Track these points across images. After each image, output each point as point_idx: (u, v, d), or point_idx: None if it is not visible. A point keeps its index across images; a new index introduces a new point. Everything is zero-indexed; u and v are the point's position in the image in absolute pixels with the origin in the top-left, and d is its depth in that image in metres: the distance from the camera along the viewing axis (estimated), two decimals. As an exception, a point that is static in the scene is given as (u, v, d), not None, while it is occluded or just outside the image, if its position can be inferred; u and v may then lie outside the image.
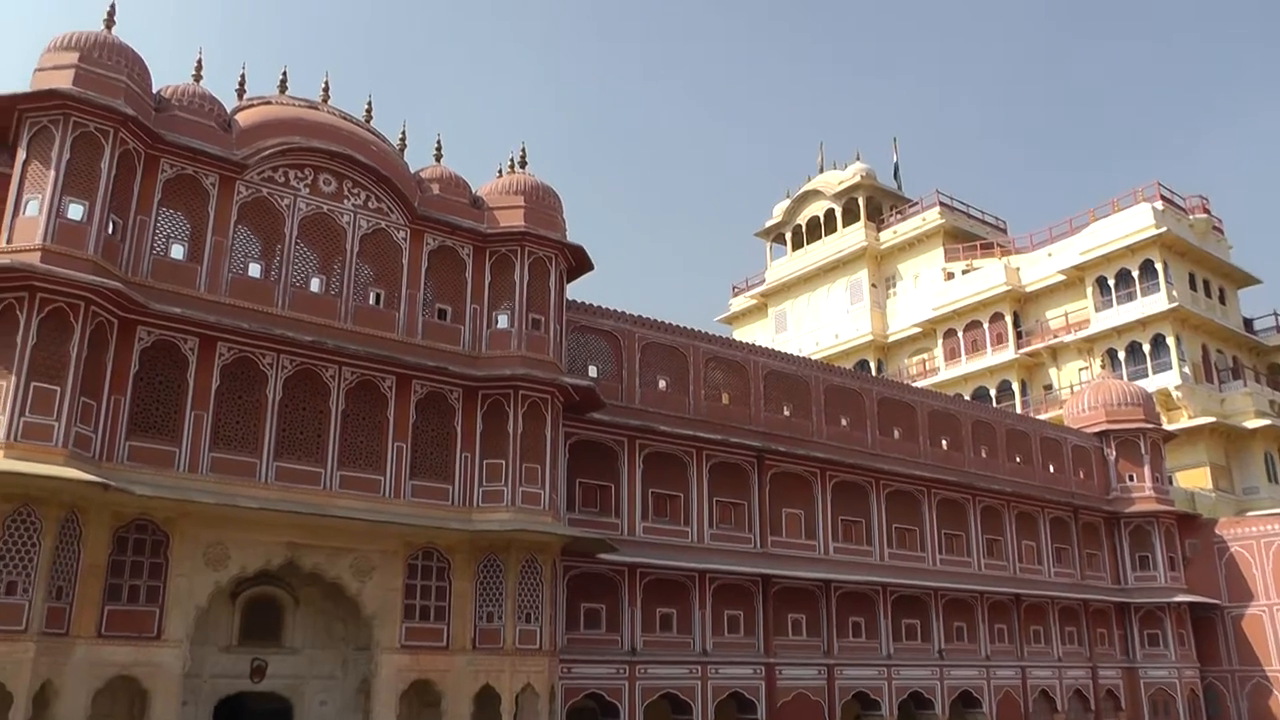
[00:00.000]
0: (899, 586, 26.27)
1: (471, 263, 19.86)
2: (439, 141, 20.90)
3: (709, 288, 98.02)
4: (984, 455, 30.15)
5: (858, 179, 51.20)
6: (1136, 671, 31.36)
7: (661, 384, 23.56)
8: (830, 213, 51.84)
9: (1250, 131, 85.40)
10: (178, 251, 16.93)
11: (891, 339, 49.12)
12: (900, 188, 53.53)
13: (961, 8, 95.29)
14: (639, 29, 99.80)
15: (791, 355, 28.45)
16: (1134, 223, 40.32)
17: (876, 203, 51.78)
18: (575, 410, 20.69)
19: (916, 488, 27.92)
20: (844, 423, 26.89)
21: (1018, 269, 45.09)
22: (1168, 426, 35.68)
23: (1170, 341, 39.36)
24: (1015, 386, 43.51)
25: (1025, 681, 28.69)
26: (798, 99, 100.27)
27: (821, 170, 54.30)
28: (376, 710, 17.01)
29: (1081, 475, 32.67)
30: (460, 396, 18.92)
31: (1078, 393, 36.81)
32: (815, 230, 52.60)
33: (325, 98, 19.68)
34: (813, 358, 34.24)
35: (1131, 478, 32.96)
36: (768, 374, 25.68)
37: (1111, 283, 40.93)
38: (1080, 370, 41.83)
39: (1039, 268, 44.51)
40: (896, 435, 28.02)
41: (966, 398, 40.40)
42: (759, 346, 27.30)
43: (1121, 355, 40.45)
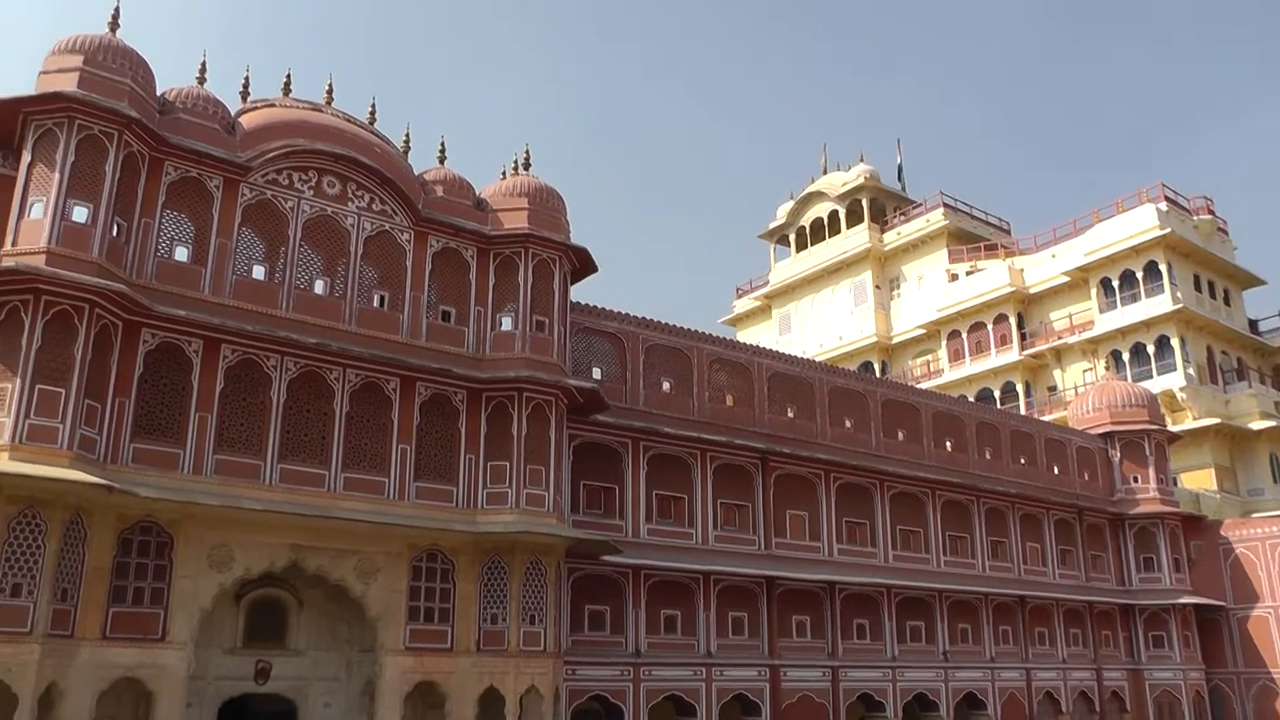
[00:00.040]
0: (903, 588, 26.26)
1: (475, 265, 19.87)
2: (443, 144, 20.94)
3: (712, 289, 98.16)
4: (988, 457, 30.13)
5: (861, 180, 51.18)
6: (1142, 673, 31.28)
7: (665, 386, 23.55)
8: (834, 214, 51.82)
9: (1254, 131, 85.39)
10: (182, 254, 16.97)
11: (896, 340, 49.09)
12: (904, 189, 53.54)
13: (961, 8, 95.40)
14: (640, 29, 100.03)
15: (796, 357, 28.43)
16: (1138, 224, 40.27)
17: (880, 204, 51.76)
18: (579, 412, 20.70)
19: (921, 489, 27.89)
20: (848, 424, 26.88)
21: (1022, 270, 45.05)
22: (1172, 428, 35.58)
23: (1175, 343, 39.29)
24: (1019, 388, 43.45)
25: (1030, 683, 28.65)
26: (799, 99, 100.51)
27: (825, 172, 54.31)
28: (381, 712, 17.02)
29: (1086, 477, 32.61)
30: (464, 398, 18.92)
31: (1082, 394, 36.80)
32: (819, 232, 52.60)
33: (329, 100, 19.71)
34: (817, 359, 34.24)
35: (1136, 479, 32.90)
36: (772, 376, 25.68)
37: (1116, 284, 40.87)
38: (1084, 372, 41.77)
39: (1043, 269, 44.47)
40: (901, 437, 28.00)
41: (971, 399, 40.36)
42: (763, 348, 27.27)
43: (1126, 356, 40.39)
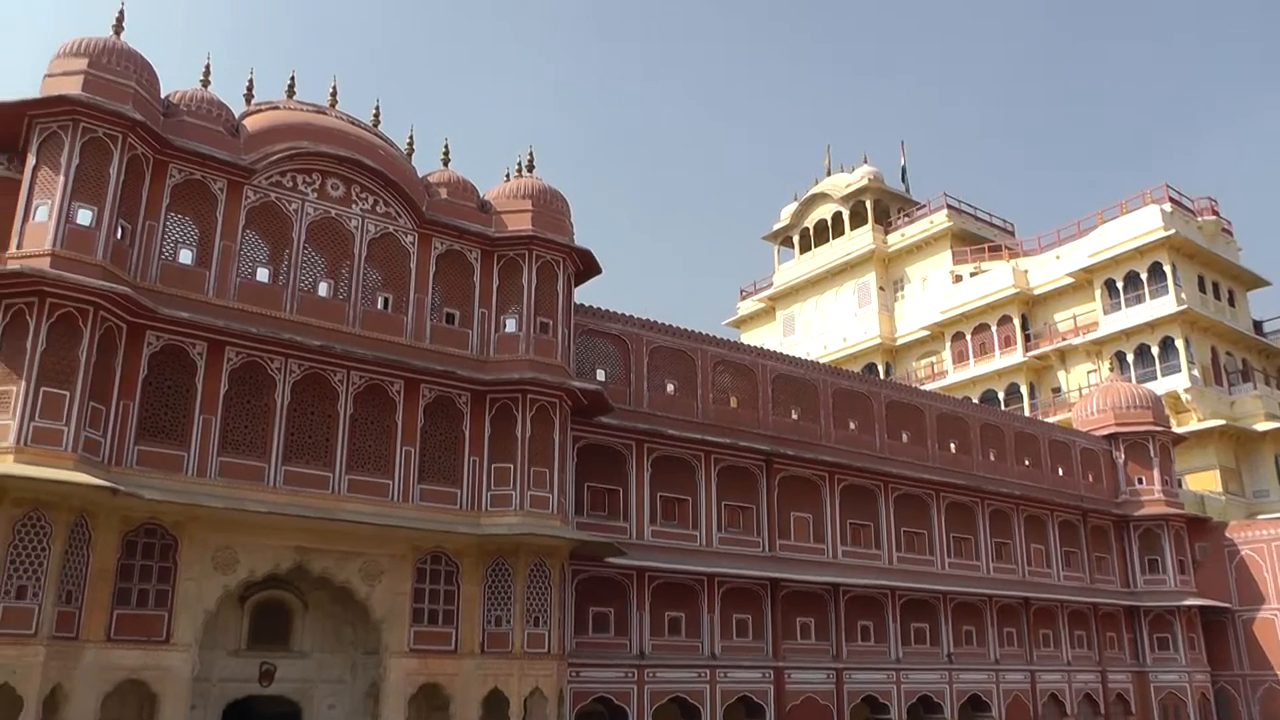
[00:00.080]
0: (908, 590, 26.23)
1: (479, 267, 19.88)
2: (446, 146, 20.95)
3: (714, 290, 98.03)
4: (992, 458, 30.09)
5: (865, 182, 51.16)
6: (1147, 675, 31.21)
7: (669, 388, 23.55)
8: (838, 215, 51.81)
9: (1258, 132, 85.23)
10: (186, 256, 16.99)
11: (899, 342, 49.07)
12: (908, 190, 53.50)
13: (961, 8, 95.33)
14: (640, 29, 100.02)
15: (799, 358, 28.41)
16: (1142, 225, 40.20)
17: (884, 205, 51.73)
18: (583, 414, 20.69)
19: (925, 491, 27.86)
20: (852, 426, 26.86)
21: (1026, 272, 45.01)
22: (1177, 429, 35.54)
23: (1179, 344, 39.21)
24: (1023, 389, 43.38)
25: (1034, 685, 28.60)
26: (799, 99, 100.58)
27: (829, 173, 54.30)
28: (385, 714, 17.02)
29: (1090, 478, 32.56)
30: (468, 400, 18.93)
31: (1086, 395, 36.73)
32: (823, 233, 52.59)
33: (333, 102, 19.73)
34: (821, 361, 34.23)
35: (1140, 481, 32.83)
36: (776, 377, 25.67)
37: (1120, 285, 40.80)
38: (1089, 373, 41.71)
39: (1047, 270, 44.42)
40: (905, 438, 27.97)
41: (975, 401, 40.33)
42: (767, 350, 27.23)
43: (1130, 358, 40.32)
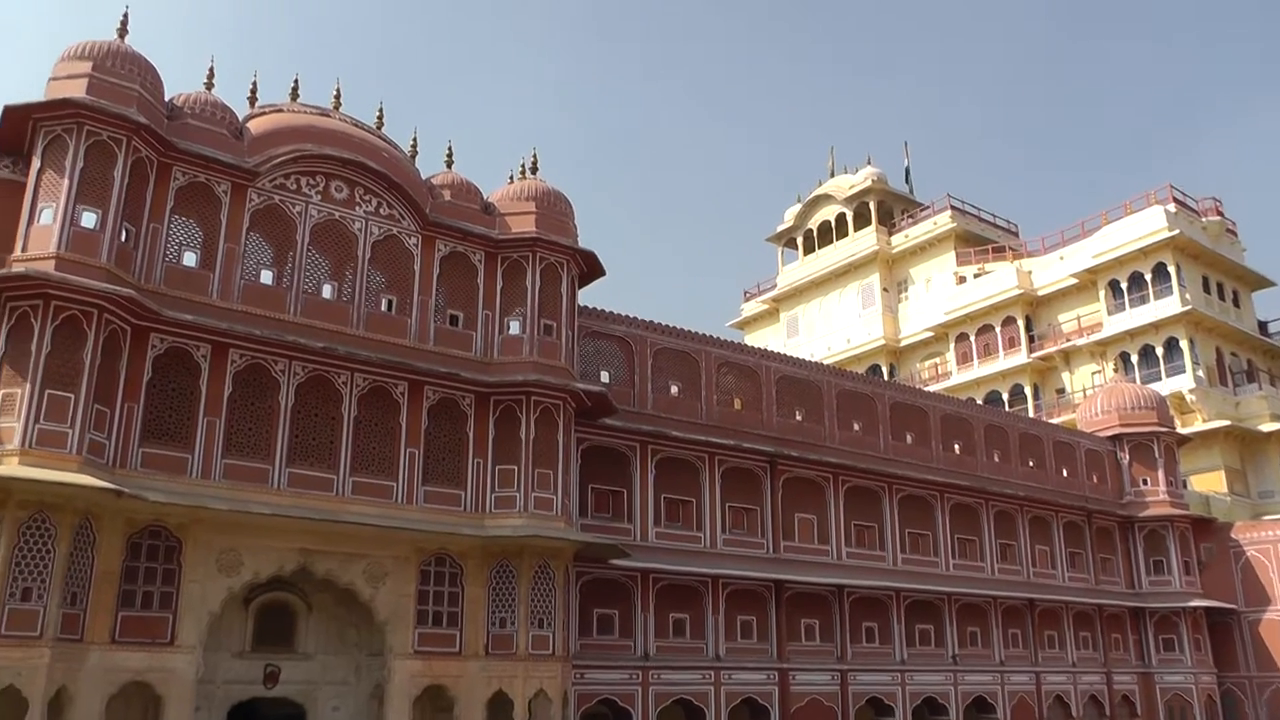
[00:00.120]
0: (912, 591, 26.20)
1: (483, 269, 19.88)
2: (450, 148, 20.97)
3: (715, 291, 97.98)
4: (997, 459, 30.05)
5: (869, 183, 51.14)
6: (1152, 677, 31.13)
7: (673, 389, 23.54)
8: (841, 217, 51.80)
9: (1263, 132, 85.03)
10: (190, 259, 17.01)
11: (903, 343, 49.02)
12: (912, 192, 53.46)
13: (961, 8, 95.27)
14: (640, 29, 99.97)
15: (803, 360, 28.41)
16: (1146, 225, 40.14)
17: (888, 207, 51.69)
18: (587, 416, 20.69)
19: (929, 492, 27.83)
20: (856, 427, 26.84)
21: (1029, 272, 44.96)
22: (1181, 430, 35.45)
23: (1184, 344, 39.15)
24: (1028, 390, 43.34)
25: (1040, 687, 28.56)
26: (799, 99, 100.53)
27: (832, 174, 54.29)
28: (389, 716, 17.03)
29: (1095, 479, 32.51)
30: (472, 402, 18.93)
31: (1090, 396, 36.67)
32: (826, 235, 52.57)
33: (337, 105, 19.76)
34: (825, 362, 34.17)
35: (1145, 482, 32.77)
36: (780, 379, 25.65)
37: (1124, 286, 40.74)
38: (1093, 374, 41.64)
39: (1051, 271, 44.36)
40: (909, 440, 27.95)
41: (979, 402, 40.26)
42: (771, 351, 27.25)
43: (1134, 358, 40.25)
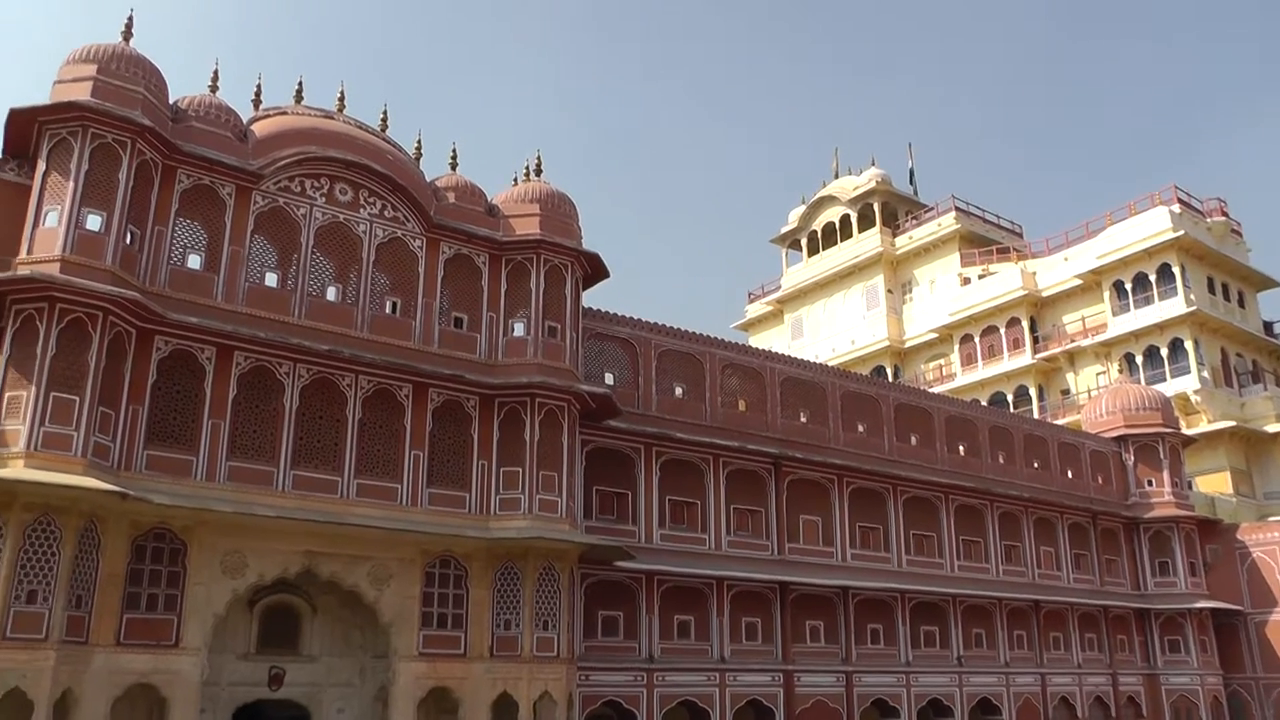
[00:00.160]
0: (917, 593, 26.15)
1: (487, 271, 19.88)
2: (454, 150, 20.98)
3: (717, 292, 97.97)
4: (1001, 461, 30.00)
5: (873, 184, 51.13)
6: (1158, 678, 31.05)
7: (678, 391, 23.53)
8: (846, 218, 51.79)
9: (1267, 131, 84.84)
10: (194, 261, 17.02)
11: (908, 345, 49.00)
12: (916, 193, 53.45)
13: (962, 8, 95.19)
14: (640, 30, 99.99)
15: (808, 361, 28.38)
16: (1151, 226, 40.09)
17: (892, 208, 51.68)
18: (592, 418, 20.68)
19: (934, 494, 27.79)
20: (861, 429, 26.81)
21: (1034, 274, 44.92)
22: (1187, 431, 35.40)
23: (1188, 345, 39.08)
24: (1032, 391, 43.30)
25: (1045, 688, 28.50)
26: (801, 100, 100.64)
27: (836, 176, 54.33)
28: (394, 718, 17.02)
29: (1100, 480, 32.44)
30: (477, 404, 18.93)
31: (1095, 397, 36.56)
32: (831, 236, 52.58)
33: (341, 107, 19.78)
34: (829, 364, 34.17)
35: (1150, 483, 32.70)
36: (784, 380, 25.63)
37: (1129, 287, 40.68)
38: (1098, 375, 41.58)
39: (1055, 272, 44.33)
40: (913, 441, 27.91)
41: (983, 403, 40.19)
42: (775, 353, 27.21)
43: (1139, 359, 40.18)
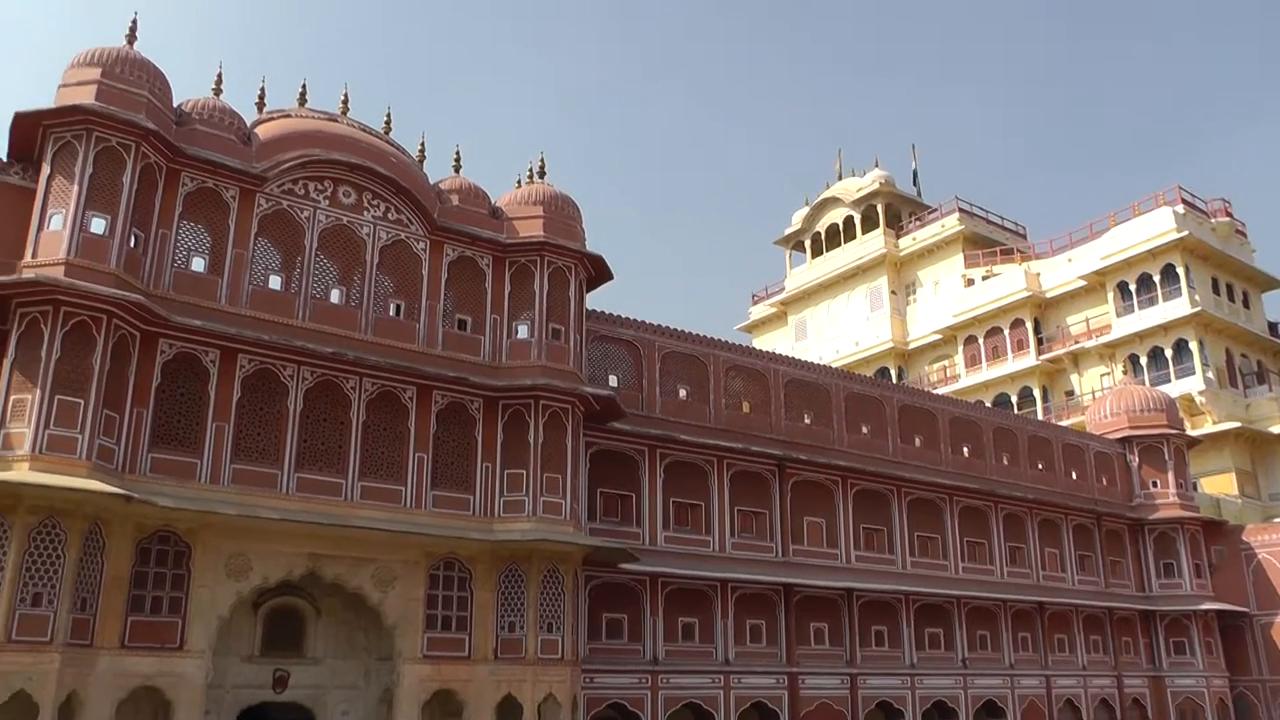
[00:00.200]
0: (921, 595, 26.12)
1: (491, 273, 19.89)
2: (458, 152, 20.99)
3: (719, 293, 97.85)
4: (1006, 462, 29.96)
5: (877, 186, 51.10)
6: (1163, 680, 30.98)
7: (682, 393, 23.52)
8: (849, 220, 51.74)
9: (1271, 132, 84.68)
10: (198, 264, 17.04)
11: (912, 346, 48.94)
12: (919, 194, 53.41)
13: (963, 8, 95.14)
14: (641, 29, 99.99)
15: (812, 363, 28.34)
16: (1155, 227, 40.02)
17: (896, 209, 51.64)
18: (596, 420, 20.69)
19: (938, 495, 27.75)
20: (865, 430, 26.78)
21: (1038, 275, 44.86)
22: (1191, 432, 35.33)
23: (1193, 346, 39.00)
24: (1036, 393, 43.23)
25: (1050, 691, 28.44)
26: (802, 100, 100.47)
27: (839, 177, 54.27)
28: (398, 721, 17.04)
29: (1104, 482, 32.39)
30: (481, 407, 18.92)
31: (1099, 399, 36.50)
32: (834, 237, 52.53)
33: (344, 110, 19.80)
34: (833, 365, 34.18)
35: (1155, 484, 32.63)
36: (788, 382, 25.62)
37: (1133, 287, 40.61)
38: (1102, 376, 41.51)
39: (1059, 273, 44.27)
40: (918, 443, 27.87)
41: (988, 404, 40.11)
42: (779, 355, 27.21)
43: (1144, 360, 40.11)
